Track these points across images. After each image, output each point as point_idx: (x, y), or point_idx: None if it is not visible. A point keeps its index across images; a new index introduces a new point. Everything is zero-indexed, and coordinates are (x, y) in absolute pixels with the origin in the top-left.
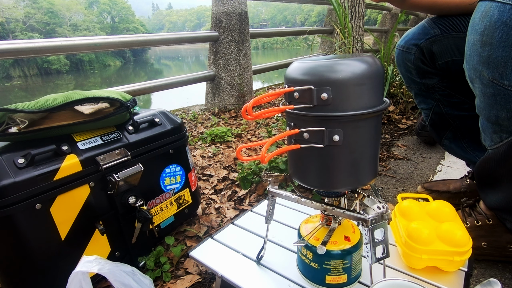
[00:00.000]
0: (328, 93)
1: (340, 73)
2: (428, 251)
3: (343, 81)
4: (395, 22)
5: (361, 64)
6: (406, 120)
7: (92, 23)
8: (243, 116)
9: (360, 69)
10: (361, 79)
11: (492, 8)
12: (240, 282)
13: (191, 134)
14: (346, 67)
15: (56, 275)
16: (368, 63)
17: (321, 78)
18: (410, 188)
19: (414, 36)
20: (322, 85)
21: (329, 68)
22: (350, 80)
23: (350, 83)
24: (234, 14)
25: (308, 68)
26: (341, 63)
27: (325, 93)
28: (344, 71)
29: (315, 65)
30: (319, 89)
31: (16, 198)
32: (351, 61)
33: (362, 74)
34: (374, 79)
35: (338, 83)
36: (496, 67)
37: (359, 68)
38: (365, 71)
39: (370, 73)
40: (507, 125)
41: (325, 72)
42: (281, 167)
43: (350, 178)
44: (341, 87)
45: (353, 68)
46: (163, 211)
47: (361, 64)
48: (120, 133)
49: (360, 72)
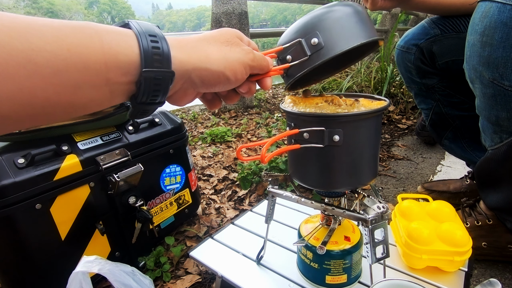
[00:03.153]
0: (318, 37)
1: (324, 16)
2: (428, 251)
3: (330, 20)
4: (395, 22)
5: (342, 6)
6: (406, 120)
7: None
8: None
9: (343, 8)
10: (346, 15)
11: (492, 9)
12: (240, 282)
13: (191, 134)
14: (327, 10)
15: (56, 275)
16: (349, 4)
17: (306, 27)
18: (410, 188)
19: (414, 36)
20: (310, 32)
21: (314, 18)
22: (337, 18)
23: (337, 19)
24: (234, 14)
25: (294, 26)
26: (323, 11)
27: (314, 38)
28: (328, 14)
29: (299, 21)
30: (308, 37)
31: (16, 198)
32: (332, 7)
33: (346, 10)
34: (358, 13)
35: (324, 24)
36: (496, 67)
37: (341, 8)
38: (348, 9)
39: (353, 9)
40: (507, 126)
41: (310, 21)
42: (281, 167)
43: (350, 178)
44: (328, 26)
45: (335, 9)
46: (163, 211)
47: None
48: (120, 133)
49: (344, 10)
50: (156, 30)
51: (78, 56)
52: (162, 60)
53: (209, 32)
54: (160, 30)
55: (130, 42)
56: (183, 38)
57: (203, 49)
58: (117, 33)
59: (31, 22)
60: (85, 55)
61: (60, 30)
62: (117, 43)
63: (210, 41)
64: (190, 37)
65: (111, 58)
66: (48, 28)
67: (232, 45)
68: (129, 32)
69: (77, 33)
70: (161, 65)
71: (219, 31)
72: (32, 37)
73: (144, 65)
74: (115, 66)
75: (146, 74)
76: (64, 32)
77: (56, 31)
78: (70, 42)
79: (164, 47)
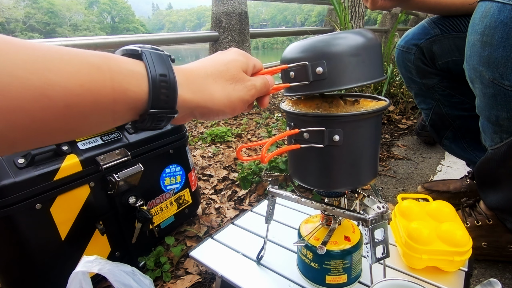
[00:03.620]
0: (323, 66)
1: (335, 46)
2: (428, 251)
3: (338, 52)
4: (395, 22)
5: (357, 36)
6: (406, 120)
7: (92, 23)
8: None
9: (355, 41)
10: (356, 49)
11: (492, 9)
12: (240, 282)
13: (191, 134)
14: (341, 41)
15: (56, 275)
16: (364, 35)
17: (315, 53)
18: (410, 188)
19: (414, 36)
20: (317, 59)
21: (324, 43)
22: (345, 51)
23: (345, 54)
24: (234, 14)
25: (303, 45)
26: (336, 37)
27: (320, 67)
28: (339, 44)
29: (310, 41)
30: (314, 64)
31: (16, 198)
32: (347, 34)
33: (357, 45)
34: (370, 50)
35: (332, 55)
36: (496, 67)
37: (354, 40)
38: (360, 43)
39: (365, 44)
40: (508, 126)
41: (320, 46)
42: (281, 167)
43: (350, 178)
44: (336, 59)
45: (348, 40)
46: (163, 211)
47: (357, 36)
48: (120, 133)
49: (355, 44)
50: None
51: (89, 92)
52: (168, 101)
53: (216, 66)
54: (171, 64)
55: (140, 83)
56: (191, 72)
57: (208, 89)
58: (128, 71)
59: (49, 56)
60: (96, 91)
61: (75, 66)
62: (128, 81)
63: (216, 79)
64: (198, 70)
65: (120, 96)
66: (64, 65)
67: (236, 82)
68: (141, 71)
69: (90, 70)
70: (167, 105)
71: (226, 64)
72: (49, 73)
73: (151, 105)
74: (123, 102)
75: (152, 112)
76: (78, 68)
77: (71, 67)
78: (83, 79)
79: (172, 88)
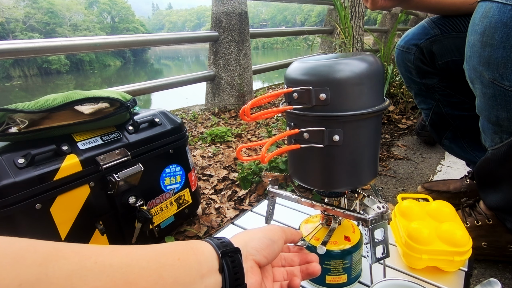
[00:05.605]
0: (327, 93)
1: (338, 73)
2: (428, 251)
3: (342, 81)
4: (395, 22)
5: (360, 63)
6: (406, 120)
7: (92, 23)
8: (241, 117)
9: (359, 69)
10: (359, 78)
11: (492, 9)
12: None
13: (191, 134)
14: (345, 67)
15: None
16: (367, 61)
17: (319, 78)
18: (410, 188)
19: (414, 36)
20: (321, 85)
21: (328, 68)
22: (349, 80)
23: (349, 83)
24: (234, 14)
25: (307, 68)
26: (339, 62)
27: (323, 93)
28: (343, 70)
29: (314, 65)
30: (318, 90)
31: (16, 198)
32: (350, 60)
33: (361, 73)
34: (373, 78)
35: (336, 83)
36: (497, 67)
37: (358, 67)
38: (364, 71)
39: (369, 72)
40: (508, 126)
41: (324, 72)
42: (281, 167)
43: (350, 178)
44: (339, 87)
45: (352, 67)
46: (163, 211)
47: (360, 63)
48: (120, 133)
49: (359, 72)
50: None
51: None
52: None
53: None
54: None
55: None
56: None
57: None
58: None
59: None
60: None
61: None
62: None
63: None
64: None
65: None
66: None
67: None
68: None
69: None
70: None
71: None
72: None
73: None
74: None
75: None
76: None
77: None
78: None
79: None
